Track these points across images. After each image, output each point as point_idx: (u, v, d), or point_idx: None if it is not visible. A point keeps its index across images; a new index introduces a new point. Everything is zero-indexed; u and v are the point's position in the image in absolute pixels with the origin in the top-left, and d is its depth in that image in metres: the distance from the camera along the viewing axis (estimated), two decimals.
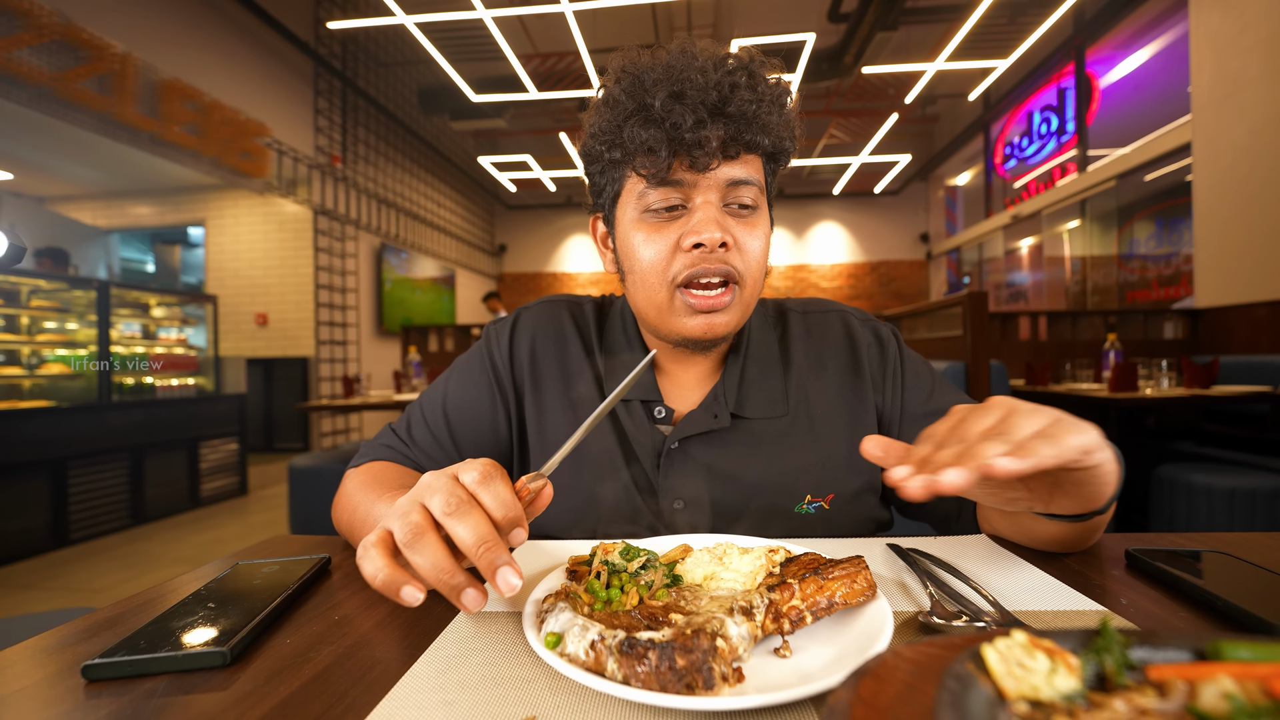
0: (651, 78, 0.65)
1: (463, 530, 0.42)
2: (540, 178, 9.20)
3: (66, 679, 0.40)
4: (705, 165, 0.64)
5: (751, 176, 0.67)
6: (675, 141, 0.63)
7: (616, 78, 0.68)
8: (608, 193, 0.73)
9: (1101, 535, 0.61)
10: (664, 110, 0.63)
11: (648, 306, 0.71)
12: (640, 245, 0.68)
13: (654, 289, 0.69)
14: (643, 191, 0.67)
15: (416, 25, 4.94)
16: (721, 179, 0.66)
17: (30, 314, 3.66)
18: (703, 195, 0.66)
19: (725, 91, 0.63)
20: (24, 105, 3.58)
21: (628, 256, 0.71)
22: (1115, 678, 0.25)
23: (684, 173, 0.65)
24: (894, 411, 0.77)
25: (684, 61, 0.65)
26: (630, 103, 0.65)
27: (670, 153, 0.64)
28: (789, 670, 0.38)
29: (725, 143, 0.64)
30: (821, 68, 5.99)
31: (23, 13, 3.49)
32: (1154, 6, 5.31)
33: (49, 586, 2.86)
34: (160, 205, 6.90)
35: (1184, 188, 4.71)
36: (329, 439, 6.49)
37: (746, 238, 0.68)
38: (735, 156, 0.66)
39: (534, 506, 0.48)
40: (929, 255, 10.88)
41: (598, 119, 0.69)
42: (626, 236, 0.70)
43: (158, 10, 4.55)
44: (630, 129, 0.65)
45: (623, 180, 0.70)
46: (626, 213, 0.70)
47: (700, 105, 0.63)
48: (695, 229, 0.65)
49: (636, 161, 0.66)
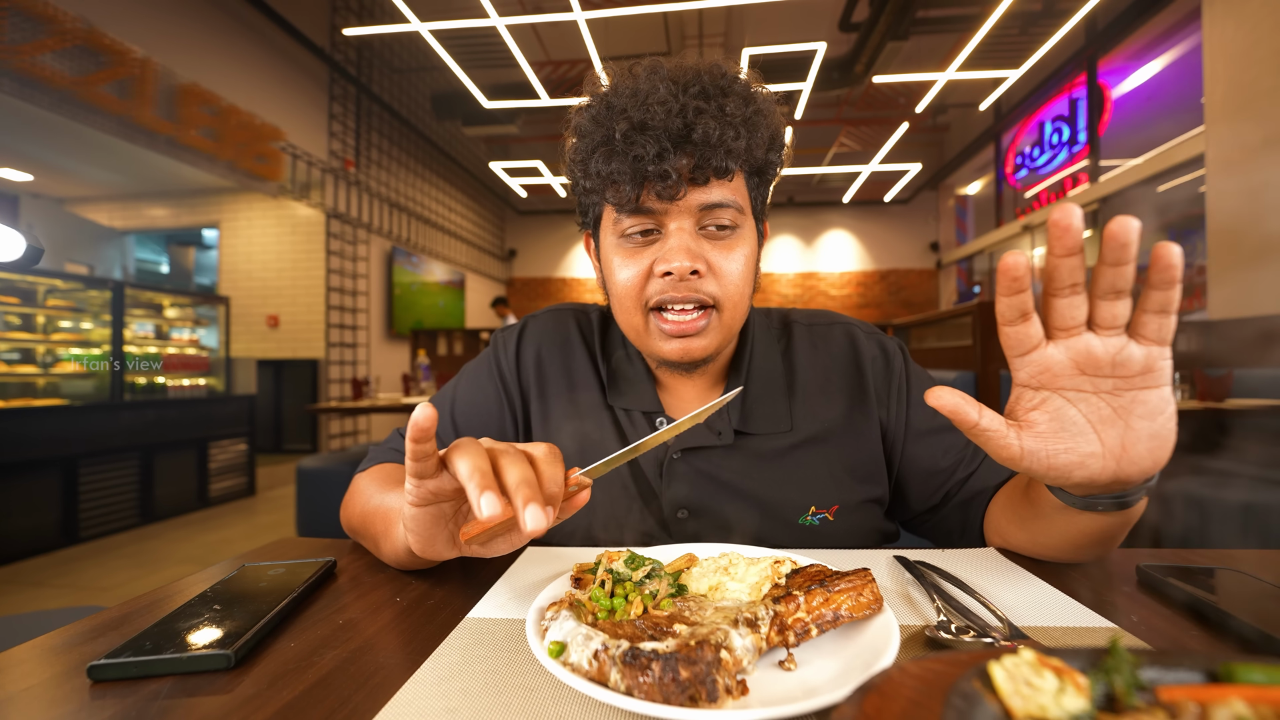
0: (617, 105, 0.64)
1: (513, 469, 0.42)
2: (551, 183, 9.25)
3: (72, 679, 0.41)
4: (672, 195, 0.63)
5: (727, 198, 0.66)
6: (639, 173, 0.63)
7: (586, 105, 0.68)
8: (591, 214, 0.74)
9: (1115, 547, 0.60)
10: (625, 142, 0.62)
11: (627, 328, 0.72)
12: (617, 269, 0.69)
13: (630, 312, 0.69)
14: (617, 218, 0.68)
15: (431, 32, 4.99)
16: (694, 204, 0.65)
17: (46, 313, 3.71)
18: (676, 221, 0.66)
19: (689, 118, 0.61)
20: (45, 109, 3.64)
21: (608, 278, 0.72)
22: (1125, 698, 0.24)
23: (653, 201, 0.65)
24: (898, 426, 0.76)
25: (649, 86, 0.63)
26: (596, 133, 0.65)
27: (636, 184, 0.63)
28: (794, 683, 0.37)
29: (693, 170, 0.63)
30: (832, 76, 6.00)
31: (47, 19, 3.56)
32: (1167, 18, 5.28)
33: (58, 584, 2.88)
34: (176, 207, 7.00)
35: (1197, 199, 4.67)
36: (337, 441, 6.53)
37: (723, 261, 0.67)
38: (704, 183, 0.64)
39: (570, 503, 0.48)
40: (939, 264, 10.83)
41: (571, 148, 0.70)
42: (607, 259, 0.71)
43: (177, 16, 4.63)
44: (595, 162, 0.65)
45: (600, 205, 0.71)
46: (606, 237, 0.71)
47: (663, 134, 0.61)
48: (664, 257, 0.65)
49: (606, 193, 0.67)
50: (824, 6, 5.68)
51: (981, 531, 0.71)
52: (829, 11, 5.75)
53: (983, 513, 0.71)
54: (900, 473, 0.77)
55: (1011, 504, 0.64)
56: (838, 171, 9.23)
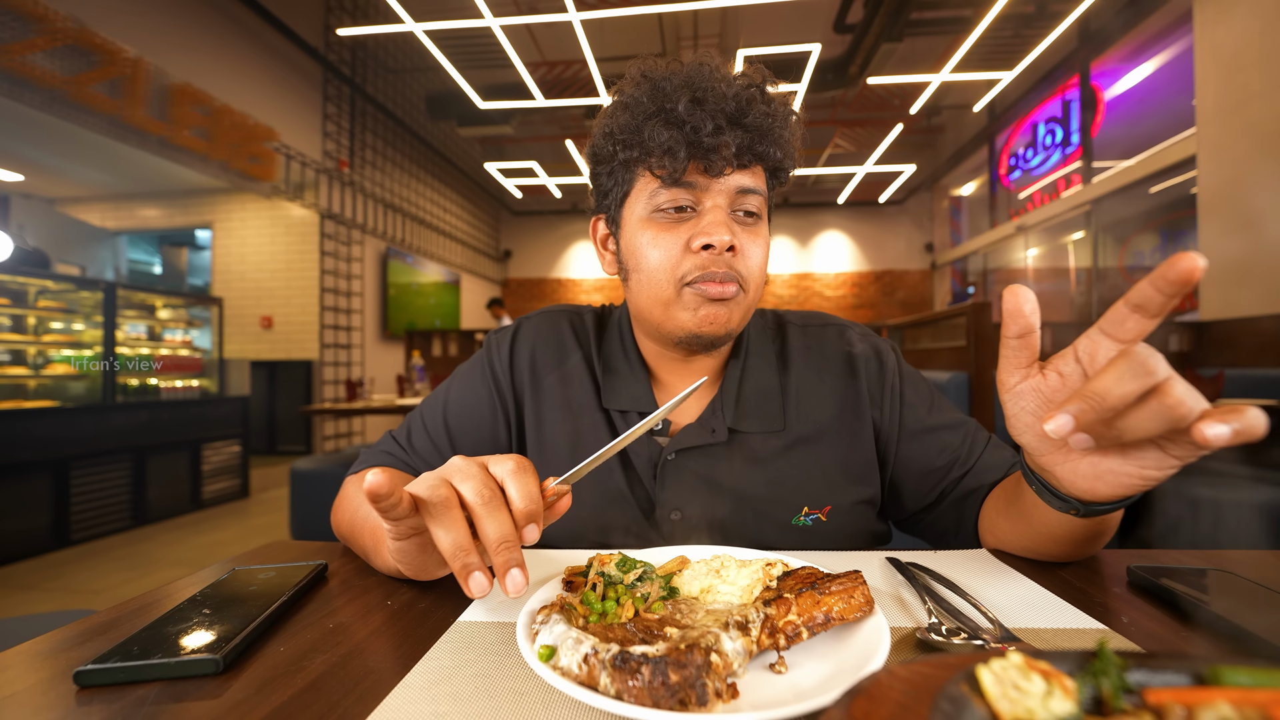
0: (673, 84, 0.67)
1: (490, 526, 0.44)
2: (546, 184, 9.25)
3: (59, 684, 0.40)
4: (719, 170, 0.66)
5: (758, 186, 0.69)
6: (694, 145, 0.65)
7: (636, 82, 0.70)
8: (615, 194, 0.74)
9: (1106, 543, 0.60)
10: (686, 113, 0.65)
11: (653, 304, 0.71)
12: (648, 244, 0.69)
13: (661, 285, 0.69)
14: (655, 191, 0.69)
15: (425, 33, 4.98)
16: (732, 185, 0.68)
17: (37, 314, 3.68)
18: (712, 199, 0.68)
19: (743, 103, 0.66)
20: (36, 108, 3.62)
21: (633, 255, 0.72)
22: (1112, 701, 0.24)
23: (697, 176, 0.67)
24: (891, 428, 0.76)
25: (703, 73, 0.68)
26: (651, 105, 0.67)
27: (688, 155, 0.65)
28: (784, 686, 0.37)
29: (739, 151, 0.66)
30: (827, 78, 6.02)
31: (37, 18, 3.53)
32: (1159, 20, 5.32)
33: (49, 587, 2.86)
34: (168, 208, 6.96)
35: (1189, 200, 4.71)
36: (331, 442, 6.50)
37: (750, 244, 0.69)
38: (747, 165, 0.68)
39: (552, 511, 0.49)
40: (933, 265, 10.88)
41: (614, 120, 0.71)
42: (633, 235, 0.71)
43: (169, 15, 4.60)
44: (651, 129, 0.66)
45: (633, 180, 0.71)
46: (635, 211, 0.71)
47: (719, 113, 0.65)
48: (705, 230, 0.66)
49: (653, 161, 0.68)
50: (819, 8, 5.70)
51: (976, 530, 0.71)
52: (824, 13, 5.77)
53: (977, 511, 0.71)
54: (894, 473, 0.77)
55: (1005, 501, 0.65)
56: (832, 172, 9.25)
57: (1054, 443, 0.48)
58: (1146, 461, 0.44)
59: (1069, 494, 0.50)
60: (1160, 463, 0.43)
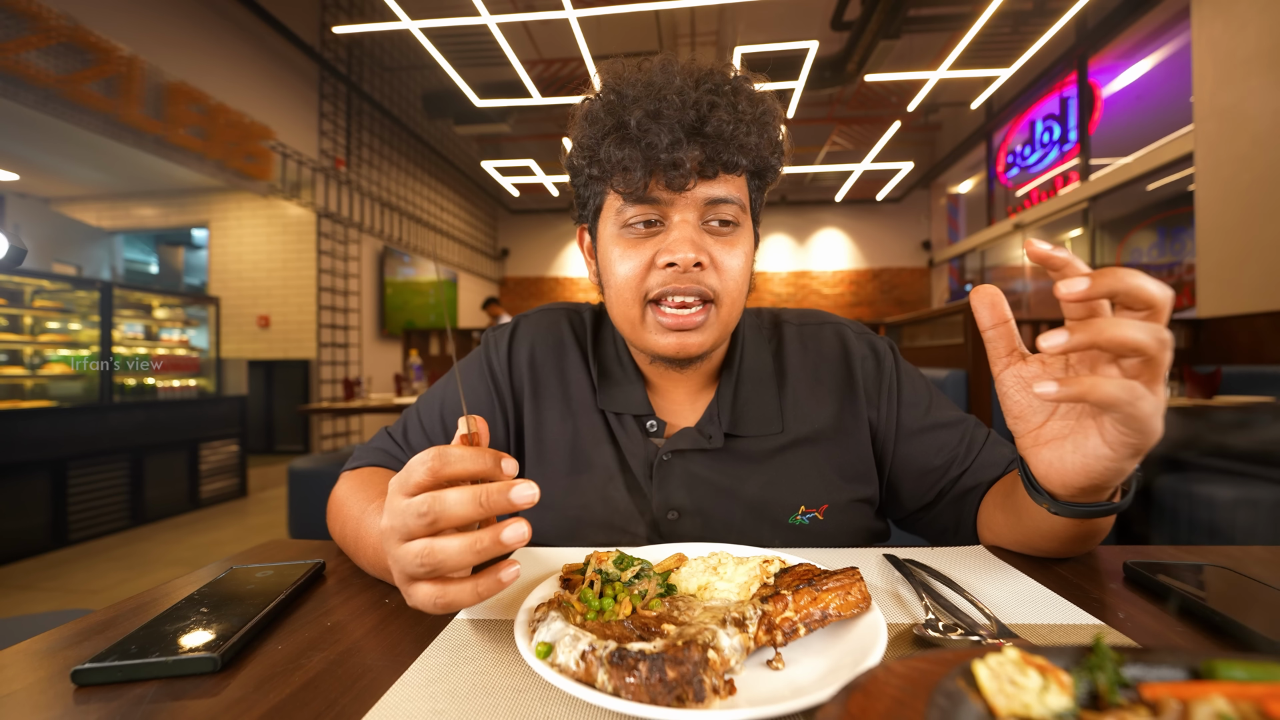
0: (631, 95, 0.64)
1: (449, 557, 0.41)
2: (543, 182, 9.23)
3: (57, 684, 0.40)
4: (681, 185, 0.64)
5: (731, 195, 0.66)
6: (650, 161, 0.63)
7: (597, 92, 0.68)
8: (590, 205, 0.74)
9: (1100, 541, 0.60)
10: (640, 130, 0.62)
11: (623, 321, 0.71)
12: (616, 260, 0.68)
13: (628, 304, 0.69)
14: (620, 207, 0.67)
15: (421, 30, 4.96)
16: (699, 198, 0.65)
17: (33, 314, 3.67)
18: (680, 214, 0.66)
19: (704, 111, 0.62)
20: (30, 107, 3.60)
21: (606, 270, 0.71)
22: (1108, 696, 0.24)
23: (660, 191, 0.65)
24: (889, 426, 0.76)
25: (664, 79, 0.64)
26: (608, 120, 0.65)
27: (646, 172, 0.63)
28: (781, 683, 0.38)
29: (702, 163, 0.64)
30: (824, 75, 6.01)
31: (31, 15, 3.51)
32: (1156, 17, 5.33)
33: (47, 587, 2.85)
34: (164, 207, 6.93)
35: (1186, 197, 4.71)
36: (329, 441, 6.49)
37: (725, 256, 0.67)
38: (713, 176, 0.65)
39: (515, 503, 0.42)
40: (931, 262, 10.88)
41: (579, 133, 0.70)
42: (605, 250, 0.70)
43: (165, 13, 4.58)
44: (607, 148, 0.65)
45: (603, 195, 0.71)
46: (606, 227, 0.71)
47: (677, 125, 0.62)
48: (669, 248, 0.65)
49: (613, 180, 0.66)
50: (816, 5, 5.69)
51: (975, 528, 0.71)
52: (821, 10, 5.76)
53: (976, 509, 0.71)
54: (893, 472, 0.77)
55: (1001, 497, 0.65)
56: (830, 170, 9.24)
57: (1033, 426, 0.51)
58: (1088, 448, 0.47)
59: (1043, 486, 0.52)
60: (1098, 450, 0.46)
